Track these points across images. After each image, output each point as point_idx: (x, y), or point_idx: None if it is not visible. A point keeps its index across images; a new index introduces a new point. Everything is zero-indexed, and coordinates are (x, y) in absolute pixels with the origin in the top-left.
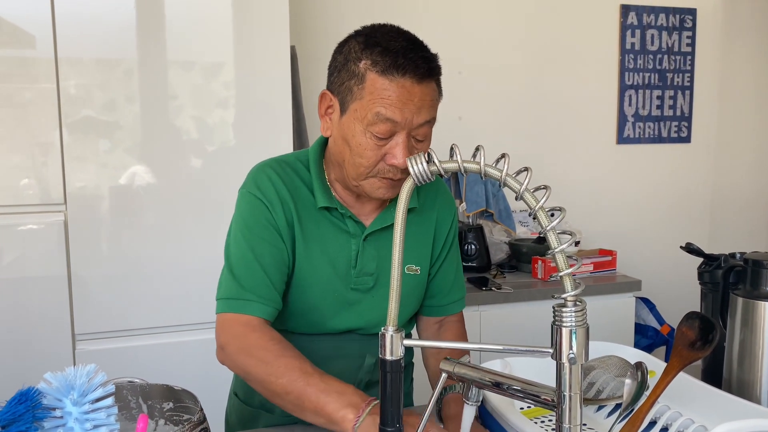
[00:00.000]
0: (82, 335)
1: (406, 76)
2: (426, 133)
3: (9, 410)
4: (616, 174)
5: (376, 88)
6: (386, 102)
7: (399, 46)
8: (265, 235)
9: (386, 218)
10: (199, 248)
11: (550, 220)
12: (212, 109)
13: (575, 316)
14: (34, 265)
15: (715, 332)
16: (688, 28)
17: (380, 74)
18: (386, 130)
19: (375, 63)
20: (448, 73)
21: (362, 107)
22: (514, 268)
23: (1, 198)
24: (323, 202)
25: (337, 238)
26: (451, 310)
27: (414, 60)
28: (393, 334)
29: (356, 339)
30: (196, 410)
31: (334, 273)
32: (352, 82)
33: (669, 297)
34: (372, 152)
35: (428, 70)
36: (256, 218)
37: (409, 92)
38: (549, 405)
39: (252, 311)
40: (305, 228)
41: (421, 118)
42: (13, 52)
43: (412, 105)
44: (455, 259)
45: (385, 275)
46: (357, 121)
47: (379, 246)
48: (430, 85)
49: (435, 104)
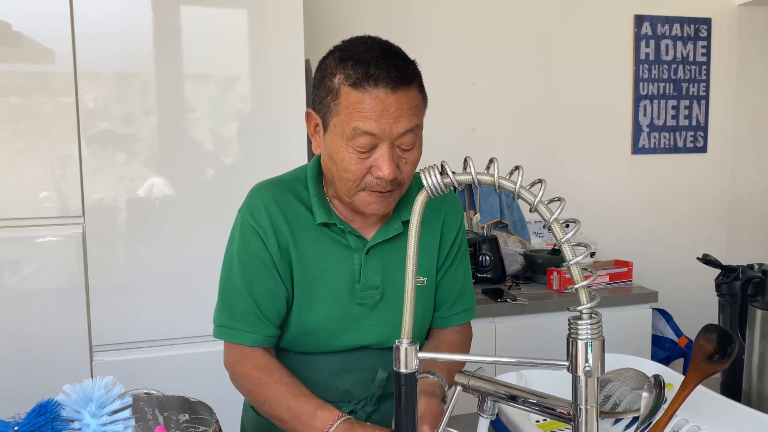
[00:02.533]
0: (100, 347)
1: (379, 87)
2: (411, 142)
3: (29, 422)
4: (632, 184)
5: (350, 102)
6: (362, 115)
7: (371, 57)
8: (256, 264)
9: (388, 231)
10: (215, 260)
11: (564, 233)
12: (228, 121)
13: (591, 328)
14: (52, 277)
15: (734, 345)
16: (702, 37)
17: (353, 87)
18: (366, 143)
19: (347, 77)
20: (461, 84)
21: (340, 123)
22: (529, 279)
23: (21, 211)
24: (322, 218)
25: (339, 254)
26: (456, 321)
27: (386, 69)
28: (407, 347)
29: (368, 354)
30: (211, 422)
31: (338, 290)
32: (329, 98)
33: (686, 308)
34: (356, 166)
35: (402, 78)
36: (248, 247)
37: (383, 103)
38: (565, 418)
39: (240, 340)
40: (303, 249)
41: (400, 128)
42: (33, 67)
43: (389, 115)
44: (463, 270)
45: (391, 288)
46: (337, 137)
47: (383, 259)
48: (408, 92)
49: (416, 111)
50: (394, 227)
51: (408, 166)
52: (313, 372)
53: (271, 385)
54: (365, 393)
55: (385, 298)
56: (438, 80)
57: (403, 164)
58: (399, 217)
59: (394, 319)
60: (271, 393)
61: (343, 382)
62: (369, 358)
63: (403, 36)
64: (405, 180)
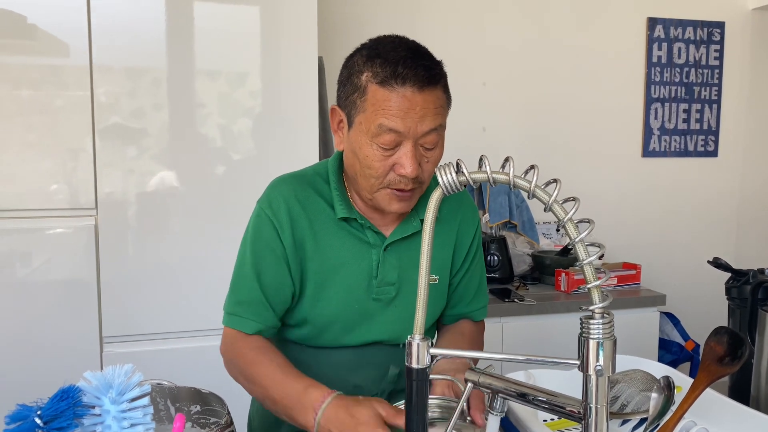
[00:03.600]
0: (110, 338)
1: (407, 85)
2: (434, 141)
3: (51, 406)
4: (641, 187)
5: (377, 99)
6: (388, 113)
7: (399, 56)
8: (268, 255)
9: (407, 228)
10: (224, 255)
11: (578, 232)
12: (238, 118)
13: (603, 328)
14: (64, 268)
15: (744, 348)
16: (715, 41)
17: (380, 85)
18: (390, 140)
19: (375, 74)
20: (472, 84)
21: (366, 119)
22: (537, 280)
23: (34, 202)
24: (342, 212)
25: (358, 249)
26: (472, 319)
27: (414, 68)
28: (420, 343)
29: (380, 350)
30: (223, 414)
31: (354, 284)
32: (356, 95)
33: (694, 312)
34: (380, 163)
35: (429, 78)
36: (263, 238)
37: (410, 101)
38: (575, 417)
39: (244, 328)
40: (321, 243)
41: (425, 127)
42: (48, 60)
43: (414, 114)
44: (479, 269)
45: (406, 285)
46: (362, 134)
47: (400, 255)
48: (434, 92)
49: (441, 111)
50: (412, 225)
51: (430, 164)
52: (325, 366)
53: (264, 364)
54: (376, 388)
55: (400, 294)
56: (449, 79)
57: (425, 163)
58: (417, 215)
59: (408, 316)
60: (263, 372)
61: (354, 377)
62: (381, 354)
63: (415, 34)
64: (426, 178)
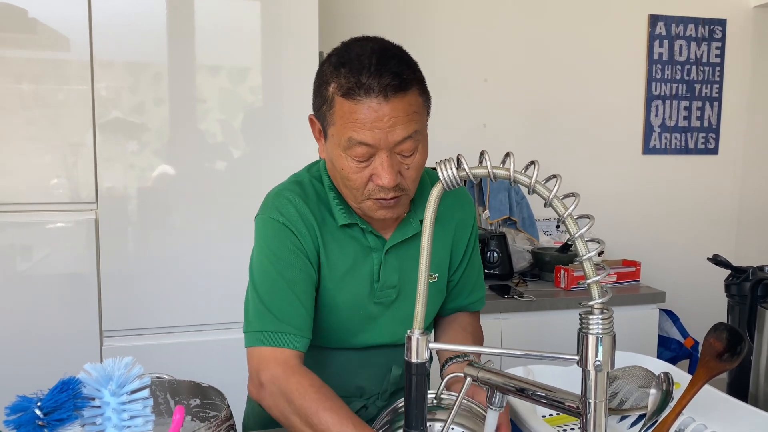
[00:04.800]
0: (110, 332)
1: (371, 96)
2: (411, 148)
3: (51, 398)
4: (642, 184)
5: (344, 112)
6: (356, 125)
7: (363, 64)
8: (295, 261)
9: (406, 231)
10: (223, 250)
11: (578, 227)
12: (238, 113)
13: (602, 323)
14: (64, 263)
15: (743, 344)
16: (717, 38)
17: (345, 97)
18: (363, 153)
19: (340, 86)
20: (473, 81)
21: (337, 133)
22: (537, 276)
23: (35, 196)
24: (343, 219)
25: (360, 254)
26: (471, 309)
27: (378, 77)
28: (419, 337)
29: (382, 351)
30: (223, 407)
31: (359, 290)
32: (325, 107)
33: (693, 309)
34: (356, 175)
35: (396, 86)
36: (284, 244)
37: (376, 112)
38: (573, 412)
39: (289, 344)
40: (329, 249)
41: (397, 136)
42: (48, 54)
43: (383, 125)
44: (477, 262)
45: (407, 287)
46: (336, 146)
47: (401, 258)
48: (404, 99)
49: (414, 117)
50: (411, 227)
51: (411, 171)
52: (327, 367)
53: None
54: (378, 388)
55: (400, 296)
56: (450, 76)
57: (405, 170)
58: (416, 216)
59: (409, 317)
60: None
61: (357, 378)
62: (383, 355)
63: (416, 30)
64: (410, 185)
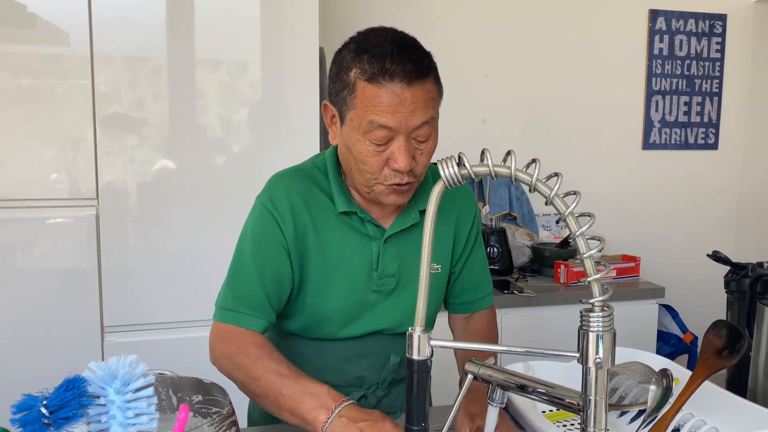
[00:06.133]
0: (111, 327)
1: (395, 81)
2: (427, 134)
3: (57, 396)
4: (641, 180)
5: (366, 96)
6: (378, 109)
7: (386, 51)
8: (270, 249)
9: (406, 221)
10: (224, 244)
11: (579, 226)
12: (238, 107)
13: (603, 321)
14: (65, 259)
15: (743, 341)
16: (717, 33)
17: (369, 82)
18: (382, 136)
19: (363, 71)
20: (473, 76)
21: (357, 116)
22: (536, 272)
23: (35, 192)
24: (343, 206)
25: (358, 242)
26: (480, 306)
27: (402, 63)
28: (420, 335)
29: (380, 339)
30: (225, 403)
31: (355, 277)
32: (345, 92)
33: (692, 305)
34: (373, 158)
35: (417, 72)
36: (264, 232)
37: (399, 97)
38: (574, 409)
39: (243, 323)
40: (323, 236)
41: (416, 121)
42: (47, 49)
43: (405, 109)
44: (481, 256)
45: (406, 276)
46: (354, 130)
47: (400, 247)
48: (423, 85)
49: (431, 104)
50: (411, 216)
51: (424, 156)
52: (326, 357)
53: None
54: (377, 378)
55: (399, 285)
56: (450, 71)
57: (418, 155)
58: (416, 207)
59: (408, 305)
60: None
61: (355, 368)
62: (381, 343)
63: (416, 25)
64: (421, 171)
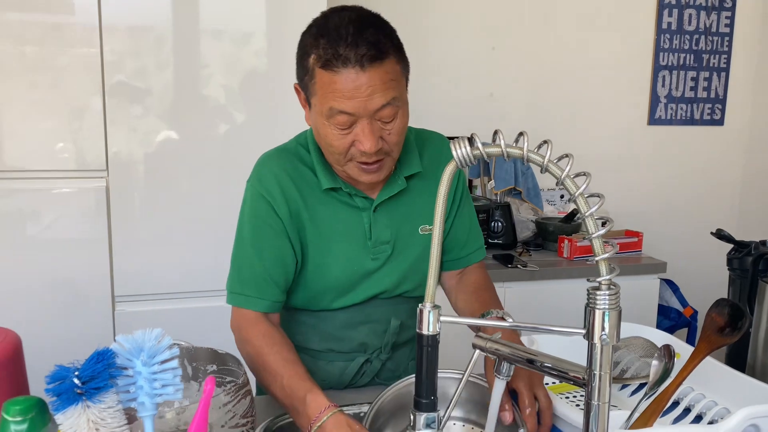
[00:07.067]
0: (122, 297)
1: (348, 67)
2: (391, 114)
3: (89, 368)
4: (646, 155)
5: (324, 82)
6: (335, 95)
7: (341, 36)
8: (266, 230)
9: (392, 188)
10: (234, 215)
11: (589, 206)
12: (242, 77)
13: (609, 299)
14: (76, 229)
15: (744, 320)
16: (727, 8)
17: (324, 69)
18: (344, 121)
19: (319, 57)
20: (481, 49)
21: (318, 102)
22: (540, 246)
23: (46, 163)
24: (327, 183)
25: (348, 214)
26: (471, 261)
27: (355, 47)
28: (431, 311)
29: (380, 304)
30: (240, 373)
31: (351, 248)
32: (307, 77)
33: (693, 280)
34: (339, 141)
35: (373, 56)
36: (258, 214)
37: (354, 82)
38: (579, 382)
39: (249, 306)
40: (314, 212)
41: (375, 104)
42: (54, 17)
43: (361, 93)
44: (468, 212)
45: (401, 241)
46: (319, 115)
47: (390, 214)
48: (381, 67)
49: (392, 85)
50: (397, 184)
51: (392, 136)
52: (329, 326)
53: (271, 356)
54: (379, 343)
55: (395, 251)
56: (457, 45)
57: (386, 135)
58: (401, 173)
59: (405, 267)
60: (269, 365)
61: (358, 334)
62: (381, 309)
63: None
64: (392, 148)
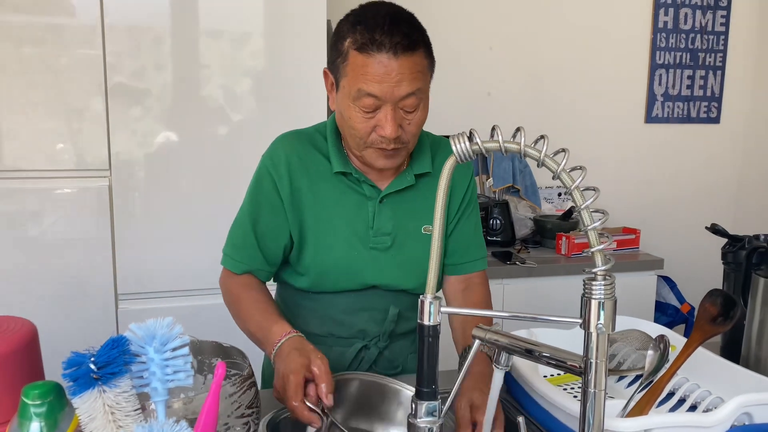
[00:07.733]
0: (125, 295)
1: (383, 52)
2: (414, 104)
3: (104, 353)
4: (643, 153)
5: (356, 65)
6: (366, 78)
7: (378, 23)
8: (265, 206)
9: (402, 182)
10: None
11: (584, 199)
12: (241, 78)
13: (604, 289)
14: (79, 228)
15: (736, 308)
16: (722, 7)
17: (359, 51)
18: (370, 104)
19: (355, 41)
20: (478, 48)
21: (348, 84)
22: (538, 243)
23: (49, 163)
24: (339, 167)
25: (354, 201)
26: (473, 268)
27: (390, 35)
28: (431, 301)
29: (379, 294)
30: (245, 366)
31: (352, 233)
32: (339, 59)
33: (691, 276)
34: (362, 124)
35: (406, 45)
36: (262, 189)
37: (386, 67)
38: (576, 371)
39: (233, 268)
40: (319, 194)
41: (402, 91)
42: (57, 19)
43: (390, 79)
44: (473, 219)
45: (401, 235)
46: (346, 97)
47: (395, 207)
48: (411, 58)
49: (419, 76)
50: (406, 179)
51: (412, 126)
52: (330, 310)
53: (246, 300)
54: (378, 330)
55: (395, 244)
56: (455, 44)
57: (406, 125)
58: (411, 171)
59: (404, 263)
60: (244, 307)
61: (357, 320)
62: (380, 298)
63: None
64: (409, 139)
